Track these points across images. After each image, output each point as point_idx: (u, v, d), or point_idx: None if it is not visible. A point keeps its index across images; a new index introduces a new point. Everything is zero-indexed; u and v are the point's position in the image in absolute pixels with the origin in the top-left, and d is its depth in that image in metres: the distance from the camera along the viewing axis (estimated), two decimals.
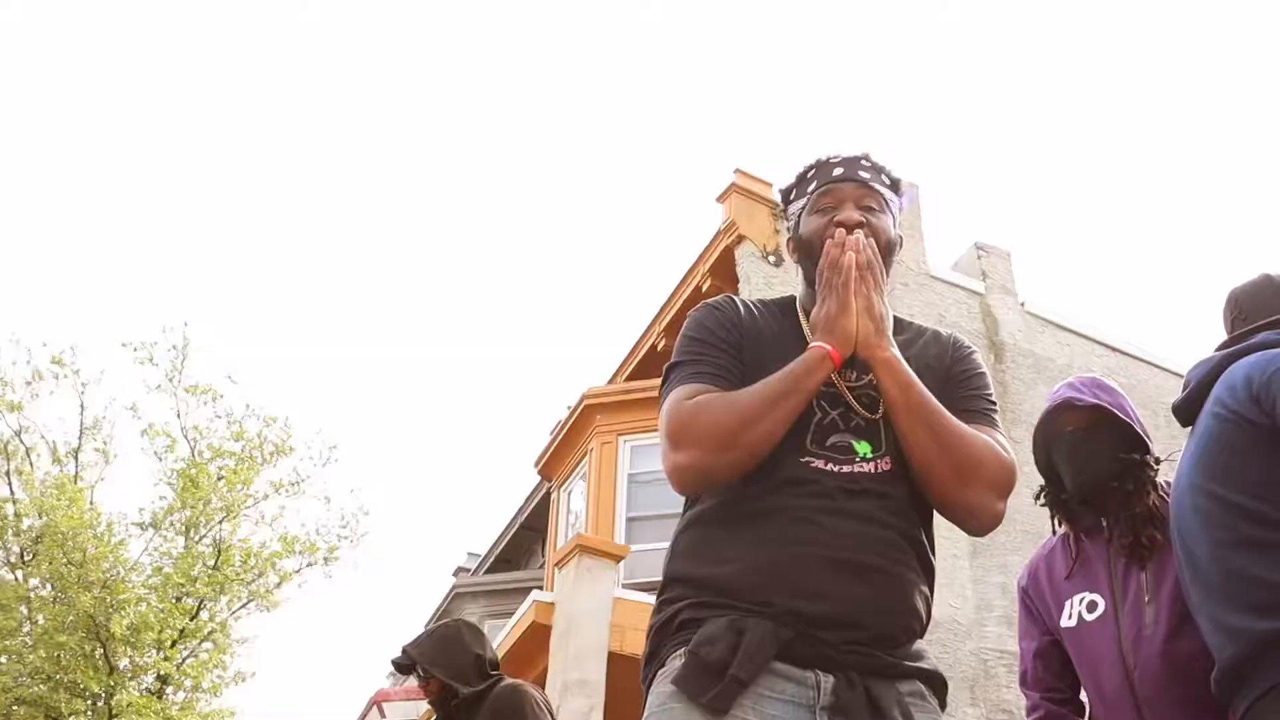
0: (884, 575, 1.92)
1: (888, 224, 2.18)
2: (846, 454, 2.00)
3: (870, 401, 2.05)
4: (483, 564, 22.65)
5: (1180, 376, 11.12)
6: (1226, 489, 2.27)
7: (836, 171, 2.19)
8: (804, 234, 2.20)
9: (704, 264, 13.20)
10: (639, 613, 10.16)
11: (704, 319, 2.19)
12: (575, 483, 14.22)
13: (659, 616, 2.03)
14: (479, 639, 4.51)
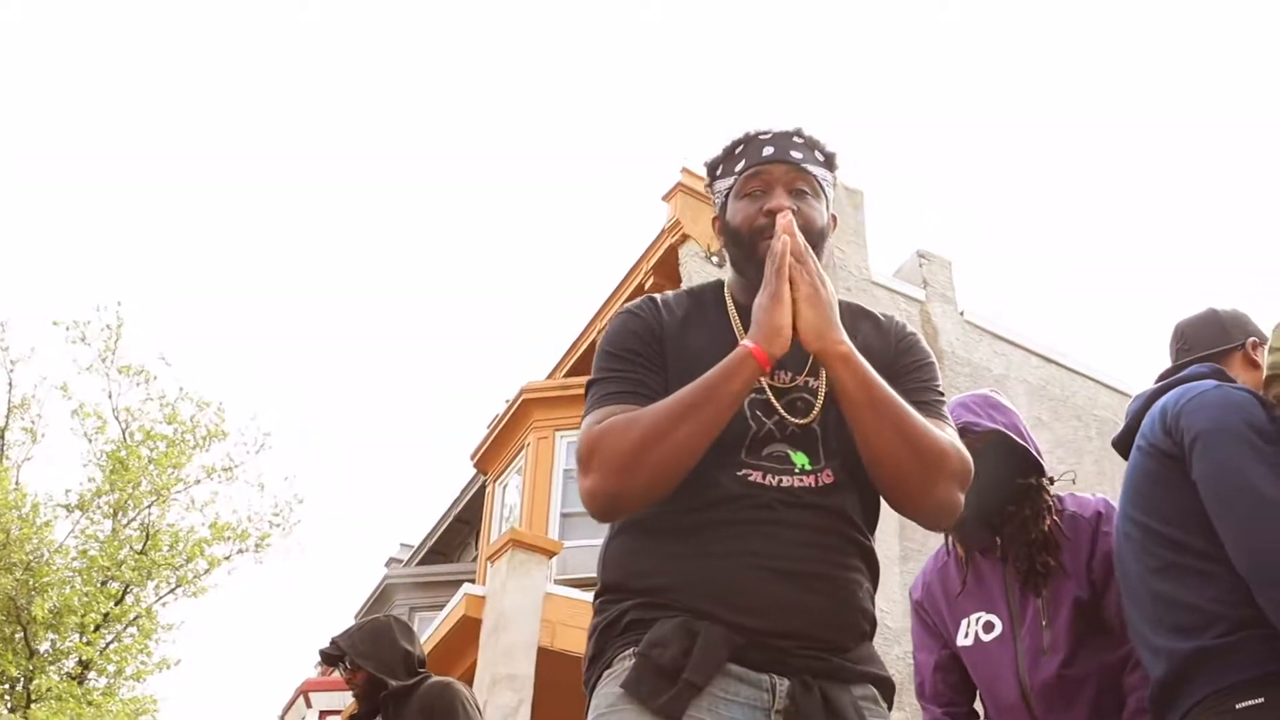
0: (830, 582, 1.86)
1: (820, 209, 2.04)
2: (784, 464, 1.90)
3: (804, 406, 1.95)
4: (415, 555, 22.51)
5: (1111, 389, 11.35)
6: (1150, 518, 2.39)
7: (766, 151, 2.03)
8: (732, 221, 2.05)
9: (647, 261, 13.21)
10: (570, 608, 10.15)
11: (619, 330, 2.04)
12: (511, 477, 14.18)
13: (603, 616, 1.95)
14: (409, 635, 4.54)
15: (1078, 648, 2.61)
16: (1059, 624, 2.64)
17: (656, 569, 1.88)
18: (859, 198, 13.65)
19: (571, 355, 14.85)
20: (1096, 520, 2.72)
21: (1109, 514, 2.71)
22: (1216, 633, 2.22)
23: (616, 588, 1.94)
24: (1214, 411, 2.31)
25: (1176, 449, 2.33)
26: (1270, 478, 2.20)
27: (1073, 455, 13.05)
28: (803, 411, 1.94)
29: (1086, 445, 13.48)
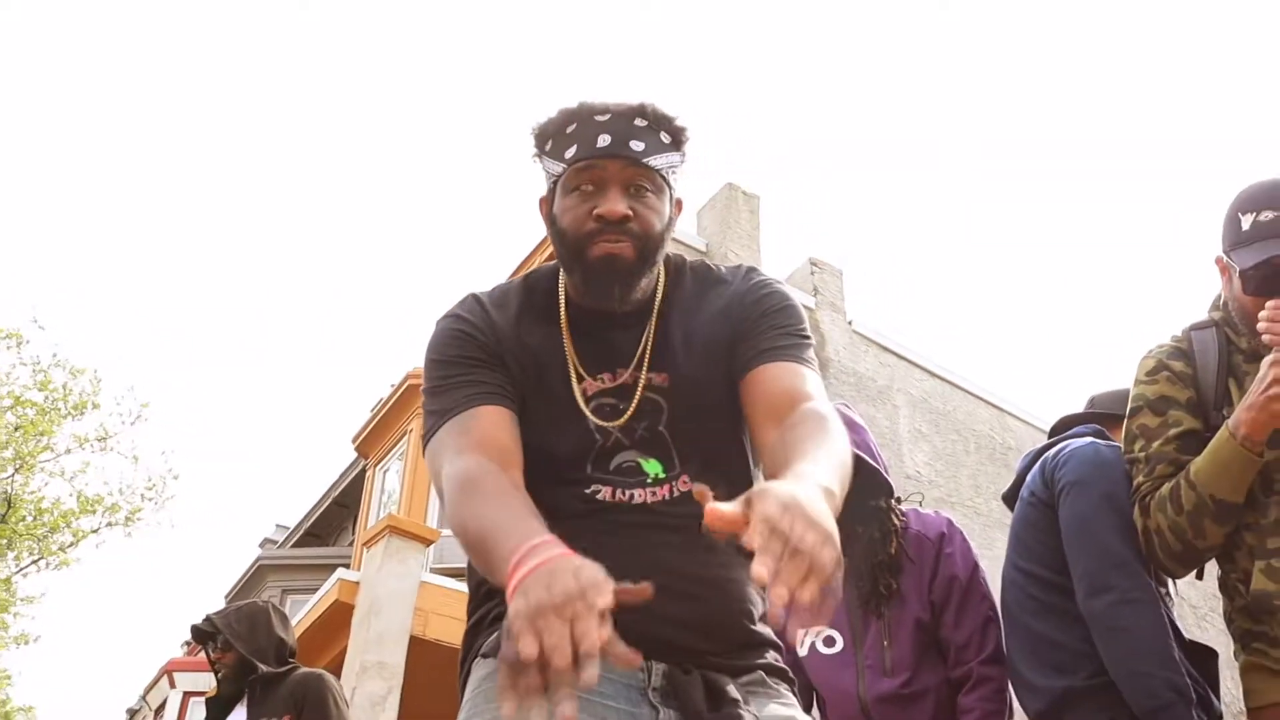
0: (708, 586, 1.73)
1: (662, 208, 1.81)
2: (635, 475, 1.76)
3: (650, 407, 1.79)
4: (290, 537, 22.20)
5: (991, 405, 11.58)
6: (1030, 563, 2.59)
7: (602, 140, 1.76)
8: (559, 219, 1.80)
9: (539, 255, 13.14)
10: (445, 598, 10.06)
11: (445, 336, 1.85)
12: (392, 462, 14.03)
13: (476, 615, 1.87)
14: (284, 624, 4.56)
15: (917, 667, 2.70)
16: (900, 644, 2.71)
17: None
18: (755, 202, 13.73)
19: None
20: (940, 541, 2.81)
21: (951, 534, 2.84)
22: (1086, 673, 2.41)
23: (482, 586, 1.88)
24: (1082, 466, 2.50)
25: (1051, 498, 2.54)
26: (1120, 530, 2.38)
27: (950, 469, 13.28)
28: (650, 414, 1.79)
29: (964, 459, 13.71)
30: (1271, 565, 2.17)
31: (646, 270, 1.80)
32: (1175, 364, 2.41)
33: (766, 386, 1.78)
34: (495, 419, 1.75)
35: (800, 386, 1.76)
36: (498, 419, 1.75)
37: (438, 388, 1.80)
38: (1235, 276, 2.28)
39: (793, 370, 1.79)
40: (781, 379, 1.78)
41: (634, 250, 1.76)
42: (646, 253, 1.78)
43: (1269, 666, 2.19)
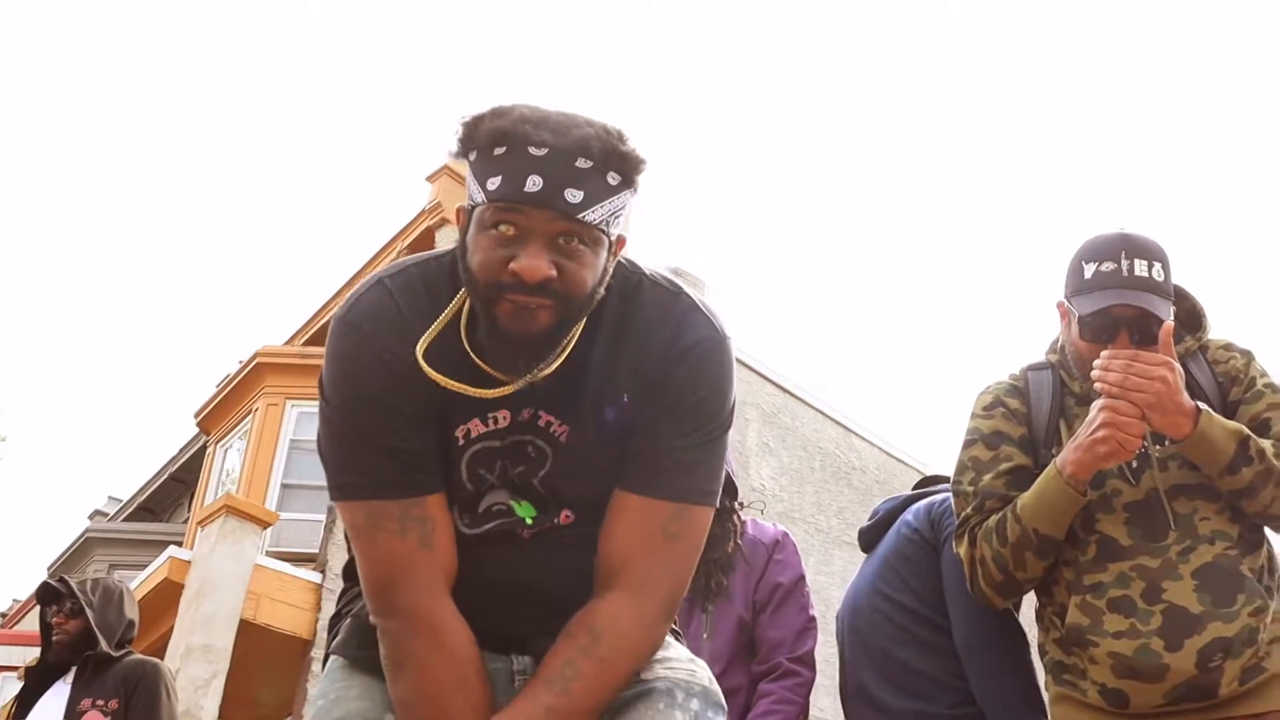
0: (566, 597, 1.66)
1: (595, 263, 1.56)
2: (506, 518, 1.67)
3: (536, 455, 1.66)
4: (122, 511, 21.58)
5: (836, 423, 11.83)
6: (902, 594, 2.70)
7: (532, 184, 1.49)
8: (471, 260, 1.56)
9: (403, 240, 13.01)
10: (279, 582, 9.90)
11: (368, 361, 1.59)
12: (234, 440, 13.74)
13: (341, 608, 1.82)
14: (134, 609, 4.50)
15: (731, 664, 2.82)
16: (719, 639, 2.84)
17: None
18: None
19: (313, 324, 14.49)
20: (773, 548, 2.97)
21: (784, 544, 3.00)
22: (948, 702, 2.57)
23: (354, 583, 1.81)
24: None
25: (936, 540, 2.67)
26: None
27: (795, 483, 13.51)
28: (533, 463, 1.66)
29: (809, 475, 13.95)
30: (1087, 600, 2.26)
31: (564, 335, 1.58)
32: (1011, 401, 2.50)
33: (607, 531, 1.66)
34: (443, 520, 1.63)
35: (633, 552, 1.63)
36: (444, 519, 1.63)
37: (362, 436, 1.59)
38: (1074, 322, 2.37)
39: (645, 515, 1.64)
40: (622, 530, 1.64)
41: (553, 316, 1.53)
42: (569, 317, 1.56)
43: (1078, 698, 2.28)
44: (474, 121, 1.57)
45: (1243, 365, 2.43)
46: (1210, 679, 2.15)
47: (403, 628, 1.59)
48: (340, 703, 1.66)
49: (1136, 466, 2.31)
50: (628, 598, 1.61)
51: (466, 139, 1.57)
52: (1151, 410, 2.16)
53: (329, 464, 1.65)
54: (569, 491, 1.68)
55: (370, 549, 1.61)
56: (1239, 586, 2.20)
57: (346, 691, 1.67)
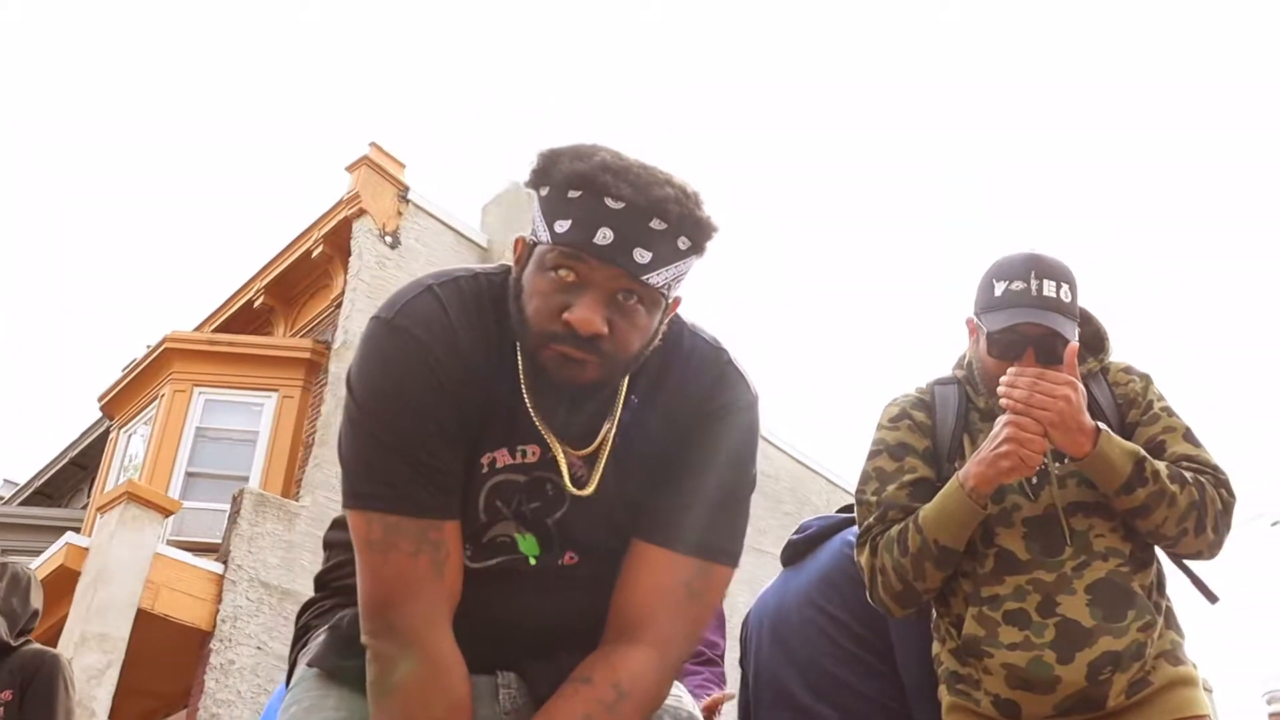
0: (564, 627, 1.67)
1: (648, 324, 1.55)
2: (511, 553, 1.64)
3: (555, 495, 1.62)
4: (18, 495, 21.08)
5: None
6: (843, 614, 2.73)
7: (603, 236, 1.46)
8: (526, 299, 1.54)
9: (319, 229, 12.88)
10: (179, 572, 9.75)
11: (418, 368, 1.53)
12: (139, 426, 13.50)
13: (315, 607, 1.80)
14: (40, 598, 4.39)
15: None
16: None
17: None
18: None
19: (224, 311, 14.28)
20: None
21: None
22: None
23: (335, 592, 1.77)
24: None
25: None
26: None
27: None
28: (550, 502, 1.64)
29: None
30: (983, 612, 2.30)
31: (606, 390, 1.58)
32: (917, 414, 2.54)
33: (629, 581, 1.64)
34: (456, 550, 1.58)
35: (656, 607, 1.62)
36: (457, 549, 1.58)
37: (396, 446, 1.52)
38: (982, 338, 2.41)
39: (670, 569, 1.63)
40: (647, 583, 1.63)
41: (598, 372, 1.52)
42: (612, 375, 1.55)
43: (971, 708, 2.33)
44: (552, 157, 1.53)
45: (1141, 388, 2.50)
46: (1099, 691, 2.21)
47: (398, 653, 1.52)
48: (316, 710, 1.62)
49: (1036, 483, 2.36)
50: (654, 655, 1.59)
51: (541, 173, 1.54)
52: (1053, 428, 2.21)
53: (351, 470, 1.56)
54: (580, 536, 1.66)
55: (380, 566, 1.53)
56: (1130, 602, 2.25)
57: (323, 700, 1.62)
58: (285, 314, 13.66)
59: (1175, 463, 2.34)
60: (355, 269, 12.15)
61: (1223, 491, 2.33)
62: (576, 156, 1.51)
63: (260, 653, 9.81)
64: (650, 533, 1.64)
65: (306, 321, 13.31)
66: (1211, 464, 2.37)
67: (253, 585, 10.02)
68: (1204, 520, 2.28)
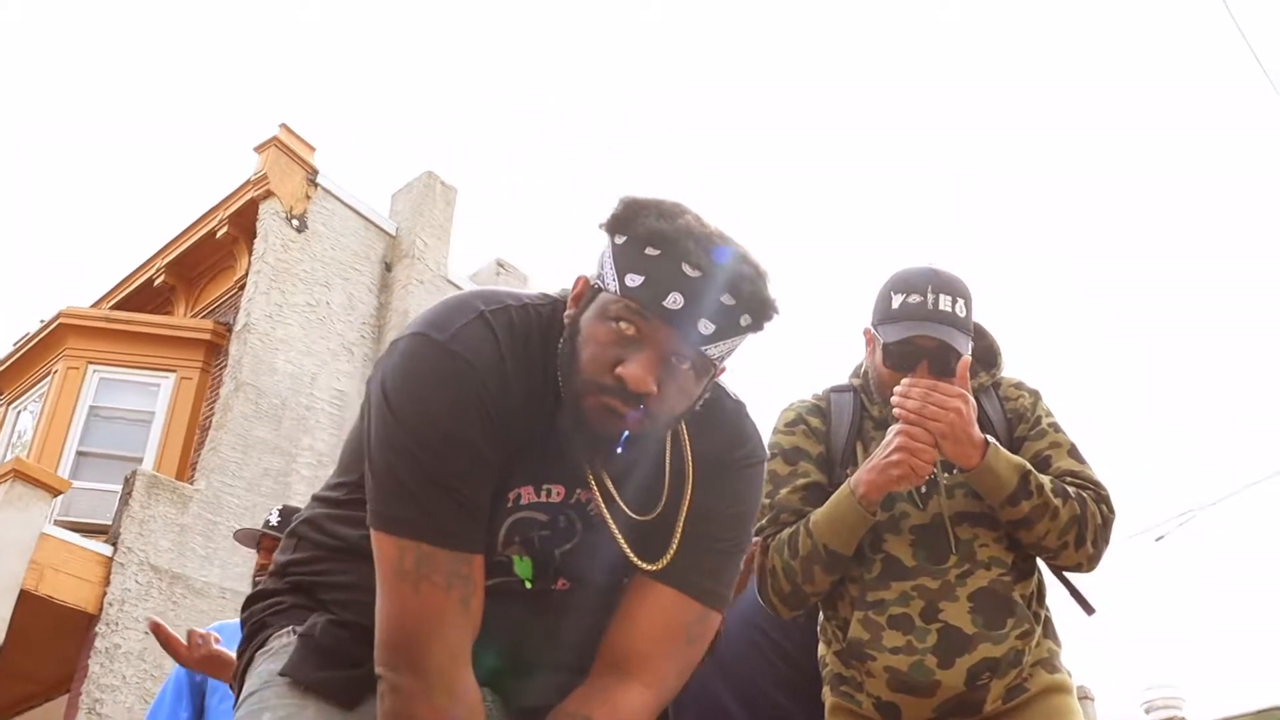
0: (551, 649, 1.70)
1: (692, 394, 1.58)
2: (505, 574, 1.65)
3: (566, 527, 1.66)
4: None
5: None
6: (787, 642, 2.76)
7: (673, 300, 1.48)
8: (581, 344, 1.54)
9: (225, 209, 12.69)
10: (66, 553, 9.55)
11: (467, 397, 1.51)
12: (29, 403, 13.19)
13: (275, 593, 1.74)
14: None
15: None
16: None
17: (352, 601, 1.63)
18: (453, 194, 13.72)
19: (123, 288, 13.99)
20: None
21: None
22: None
23: (295, 588, 1.72)
24: None
25: None
26: None
27: None
28: (561, 534, 1.67)
29: None
30: (869, 616, 2.35)
31: (648, 442, 1.60)
32: (812, 419, 2.59)
33: (633, 616, 1.67)
34: (481, 585, 1.56)
35: (657, 648, 1.65)
36: (482, 584, 1.56)
37: (437, 473, 1.50)
38: (879, 349, 2.46)
39: (676, 611, 1.66)
40: (651, 622, 1.66)
41: (638, 427, 1.53)
42: (649, 433, 1.56)
43: (853, 709, 2.38)
44: (636, 208, 1.53)
45: (1030, 404, 2.56)
46: (977, 696, 2.27)
47: (420, 688, 1.48)
48: None
49: (925, 492, 2.41)
50: (650, 697, 1.63)
51: (622, 221, 1.53)
52: (944, 439, 2.26)
53: (386, 490, 1.52)
54: (583, 569, 1.69)
55: (409, 598, 1.49)
56: (1010, 611, 2.32)
57: (300, 712, 1.56)
58: (186, 294, 13.44)
59: (1059, 478, 2.41)
60: (260, 251, 11.98)
61: (1103, 507, 2.39)
62: (661, 214, 1.51)
63: (148, 638, 9.64)
64: (665, 574, 1.65)
65: (208, 302, 13.11)
66: (1094, 480, 2.44)
67: (142, 569, 9.84)
68: (1084, 534, 2.35)
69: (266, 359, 11.34)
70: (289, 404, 11.35)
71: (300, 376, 11.59)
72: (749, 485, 1.74)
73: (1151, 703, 22.89)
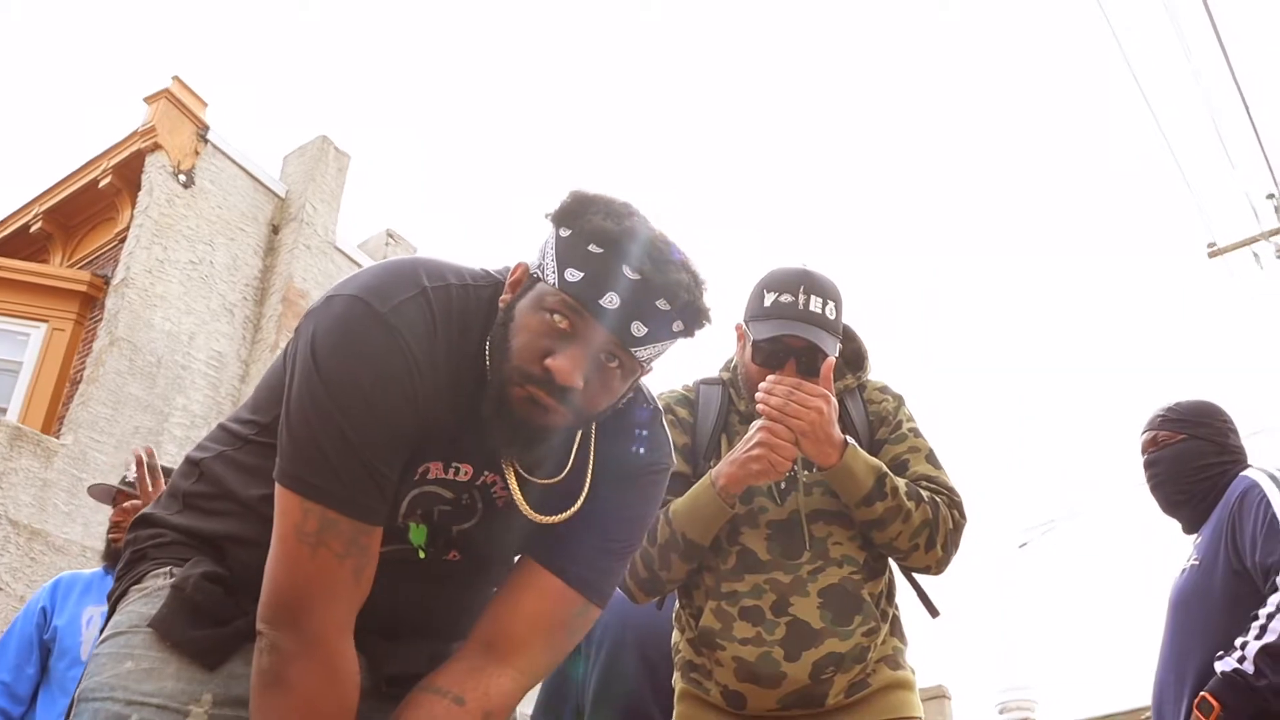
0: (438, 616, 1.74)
1: (616, 392, 1.61)
2: (399, 543, 1.66)
3: (467, 502, 1.68)
4: None
5: None
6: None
7: (609, 300, 1.50)
8: (513, 332, 1.56)
9: (109, 159, 12.36)
10: None
11: (394, 369, 1.51)
12: None
13: (157, 524, 1.72)
14: None
15: None
16: None
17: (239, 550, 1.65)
18: (345, 161, 13.52)
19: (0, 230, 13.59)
20: None
21: None
22: None
23: (183, 530, 1.70)
24: None
25: None
26: None
27: None
28: (461, 511, 1.69)
29: None
30: (721, 606, 2.40)
31: (559, 437, 1.61)
32: (680, 410, 2.63)
33: (517, 599, 1.68)
34: (376, 557, 1.57)
35: (536, 635, 1.67)
36: (376, 556, 1.57)
37: (356, 443, 1.49)
38: (748, 345, 2.51)
39: (560, 601, 1.68)
40: (534, 608, 1.68)
41: (560, 420, 1.56)
42: (571, 426, 1.60)
43: (701, 696, 2.42)
44: (584, 203, 1.55)
45: (893, 408, 2.63)
46: (820, 689, 2.32)
47: (299, 650, 1.50)
48: (155, 675, 1.56)
49: (784, 488, 2.46)
50: (522, 681, 1.66)
51: (568, 214, 1.55)
52: (804, 437, 2.31)
53: (302, 451, 1.51)
54: (477, 548, 1.71)
55: (304, 560, 1.50)
56: (858, 608, 2.37)
57: (163, 666, 1.56)
58: (64, 242, 13.07)
59: (915, 481, 2.47)
60: (144, 204, 11.70)
61: (955, 513, 2.46)
62: (609, 213, 1.53)
63: (1, 593, 9.40)
64: (552, 562, 1.68)
65: (87, 253, 12.76)
66: (948, 486, 2.51)
67: (0, 522, 9.59)
68: (935, 538, 2.42)
69: (144, 315, 11.09)
70: (165, 362, 11.12)
71: (178, 335, 11.36)
72: (651, 491, 1.78)
73: (1006, 704, 23.50)
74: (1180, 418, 3.39)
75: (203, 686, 1.56)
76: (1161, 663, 3.19)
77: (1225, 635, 2.91)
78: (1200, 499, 3.28)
